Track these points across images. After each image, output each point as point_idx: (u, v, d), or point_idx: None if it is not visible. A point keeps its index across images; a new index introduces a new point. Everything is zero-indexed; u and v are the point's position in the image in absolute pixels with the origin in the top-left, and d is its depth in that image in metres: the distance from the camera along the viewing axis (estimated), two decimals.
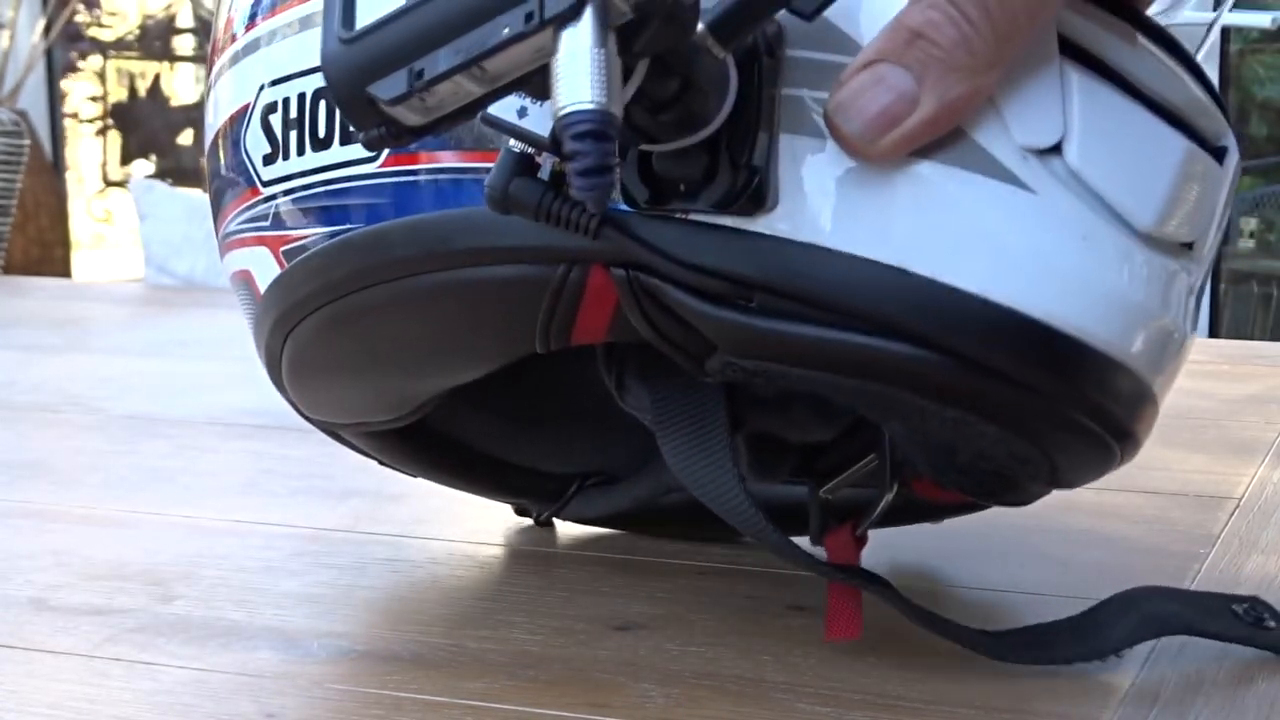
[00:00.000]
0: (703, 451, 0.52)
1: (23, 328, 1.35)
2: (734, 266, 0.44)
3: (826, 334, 0.44)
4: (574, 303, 0.47)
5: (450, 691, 0.50)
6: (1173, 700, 0.49)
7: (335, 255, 0.51)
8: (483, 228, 0.47)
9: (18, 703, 0.50)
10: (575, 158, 0.37)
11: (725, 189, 0.44)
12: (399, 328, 0.52)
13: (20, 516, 0.72)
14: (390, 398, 0.57)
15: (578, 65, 0.38)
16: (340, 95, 0.42)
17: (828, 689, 0.50)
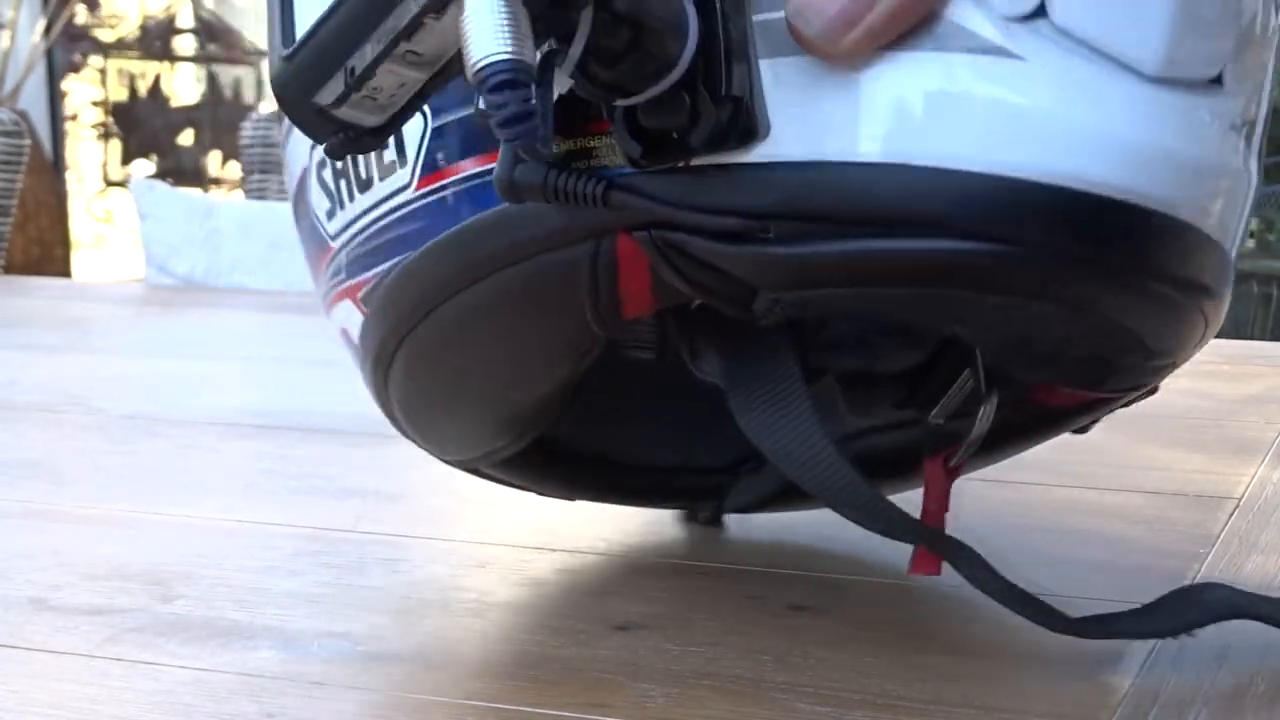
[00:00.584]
0: (778, 407, 0.51)
1: (23, 328, 1.35)
2: (740, 202, 0.44)
3: (847, 246, 0.44)
4: (611, 275, 0.47)
5: (450, 691, 0.50)
6: (1173, 700, 0.49)
7: (396, 289, 0.52)
8: (511, 223, 0.48)
9: (18, 703, 0.50)
10: (494, 110, 0.38)
11: (711, 127, 0.43)
12: (472, 345, 0.52)
13: (20, 516, 0.72)
14: (498, 418, 0.57)
15: (483, 20, 0.38)
16: (290, 111, 0.43)
17: (828, 689, 0.50)
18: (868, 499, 0.50)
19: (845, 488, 0.50)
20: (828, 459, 0.49)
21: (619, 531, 0.68)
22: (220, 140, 4.71)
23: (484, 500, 0.74)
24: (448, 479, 0.79)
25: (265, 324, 1.36)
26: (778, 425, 0.51)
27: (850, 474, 0.49)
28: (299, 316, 1.38)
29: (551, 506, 0.72)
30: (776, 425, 0.51)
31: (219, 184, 4.71)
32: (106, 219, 4.81)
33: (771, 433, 0.51)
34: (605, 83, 0.43)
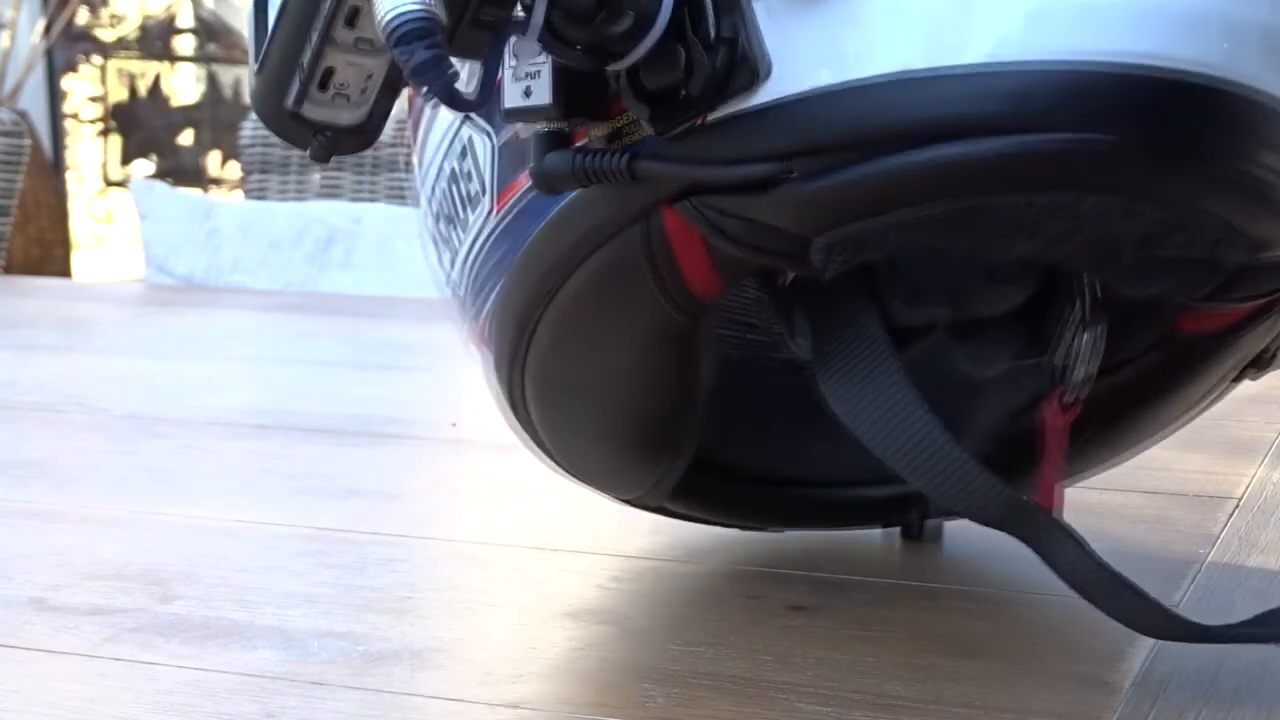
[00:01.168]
0: (860, 371, 0.49)
1: (23, 328, 1.35)
2: (757, 147, 0.43)
3: (872, 168, 0.42)
4: (667, 253, 0.47)
5: (450, 691, 0.50)
6: (1173, 700, 0.49)
7: (498, 320, 0.53)
8: (566, 223, 0.48)
9: (18, 703, 0.50)
10: (405, 62, 0.39)
11: (707, 75, 0.43)
12: (575, 358, 0.52)
13: (20, 516, 0.72)
14: (634, 435, 0.56)
15: None
16: (266, 121, 0.44)
17: (828, 689, 0.50)
18: (973, 477, 0.48)
19: (947, 463, 0.48)
20: (926, 429, 0.48)
21: (619, 531, 0.68)
22: (220, 140, 4.71)
23: (484, 500, 0.74)
24: (448, 479, 0.79)
25: (265, 324, 1.36)
26: (869, 397, 0.49)
27: (949, 447, 0.47)
28: (299, 316, 1.38)
29: (551, 506, 0.72)
30: (856, 390, 0.49)
31: (219, 184, 4.70)
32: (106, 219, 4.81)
33: (850, 398, 0.49)
34: (587, 45, 0.43)
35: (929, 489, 0.49)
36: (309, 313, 1.41)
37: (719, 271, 0.48)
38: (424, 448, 0.85)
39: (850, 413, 0.49)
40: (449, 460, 0.83)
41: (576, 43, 0.43)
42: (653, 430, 0.56)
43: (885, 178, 0.42)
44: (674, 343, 0.51)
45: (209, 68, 4.84)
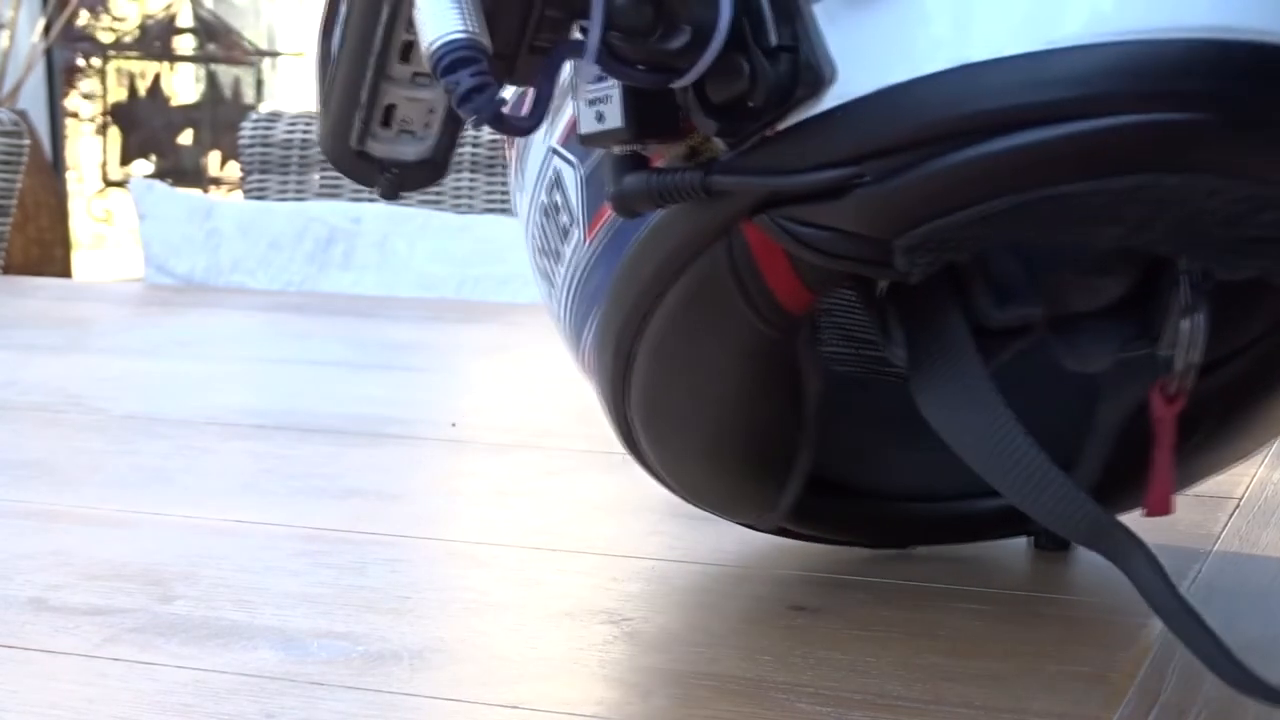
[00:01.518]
0: (956, 385, 0.48)
1: (23, 328, 1.35)
2: (827, 153, 0.43)
3: (947, 162, 0.41)
4: (751, 268, 0.47)
5: (450, 691, 0.50)
6: (1173, 700, 0.49)
7: (597, 348, 0.53)
8: (652, 246, 0.48)
9: (18, 703, 0.50)
10: (452, 90, 0.39)
11: (771, 85, 0.42)
12: (676, 381, 0.52)
13: (20, 516, 0.72)
14: (742, 455, 0.55)
15: (429, 7, 0.40)
16: (335, 162, 0.45)
17: (828, 689, 0.50)
18: (1041, 475, 0.46)
19: (1017, 462, 0.47)
20: (1012, 439, 0.47)
21: (619, 531, 0.68)
22: (220, 140, 4.71)
23: (484, 500, 0.74)
24: (448, 479, 0.79)
25: (265, 324, 1.36)
26: (946, 398, 0.48)
27: (1038, 459, 0.46)
28: (299, 316, 1.38)
29: (551, 506, 0.72)
30: (945, 398, 0.49)
31: (219, 184, 4.70)
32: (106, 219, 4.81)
33: (939, 406, 0.49)
34: (648, 64, 0.42)
35: (1018, 502, 0.48)
36: (309, 313, 1.41)
37: (806, 283, 0.47)
38: (424, 448, 0.85)
39: (940, 421, 0.49)
40: (449, 460, 0.83)
41: (636, 62, 0.42)
42: (761, 450, 0.55)
43: (957, 172, 0.41)
44: (771, 359, 0.51)
45: (209, 68, 4.84)
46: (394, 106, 0.45)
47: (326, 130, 0.45)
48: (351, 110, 0.44)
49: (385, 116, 0.45)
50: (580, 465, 0.80)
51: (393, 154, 0.44)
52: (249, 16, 5.19)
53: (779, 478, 0.56)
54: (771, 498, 0.57)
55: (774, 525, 0.60)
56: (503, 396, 1.01)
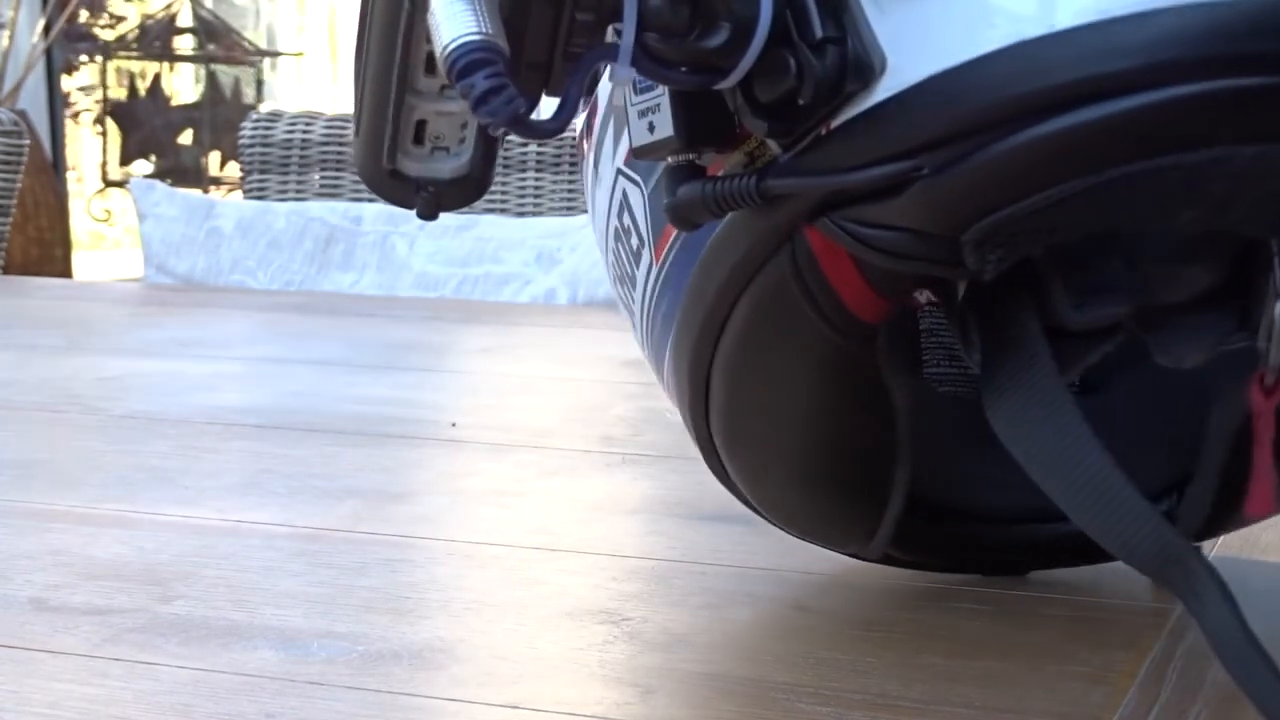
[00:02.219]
0: (1025, 394, 0.45)
1: (23, 328, 1.35)
2: (882, 147, 0.41)
3: (1006, 146, 0.39)
4: (816, 274, 0.45)
5: (450, 691, 0.50)
6: (1173, 700, 0.49)
7: (675, 369, 0.52)
8: (715, 259, 0.47)
9: (17, 703, 0.50)
10: (468, 94, 0.38)
11: (819, 79, 0.40)
12: (755, 403, 0.51)
13: (20, 516, 0.72)
14: (831, 475, 0.53)
15: (442, 12, 0.39)
16: (370, 184, 0.44)
17: (828, 689, 0.50)
18: (1116, 494, 0.43)
19: (1087, 477, 0.43)
20: (1067, 439, 0.44)
21: (619, 531, 0.68)
22: (220, 140, 4.71)
23: (484, 500, 0.74)
24: (448, 479, 0.79)
25: (265, 324, 1.36)
26: (1014, 409, 0.45)
27: (1095, 457, 0.43)
28: (299, 316, 1.38)
29: (551, 506, 0.72)
30: (1013, 409, 0.45)
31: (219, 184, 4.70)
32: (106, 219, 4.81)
33: (1007, 418, 0.45)
34: (689, 64, 0.41)
35: (1082, 523, 0.45)
36: (309, 313, 1.41)
37: (875, 288, 0.45)
38: (424, 448, 0.85)
39: (1005, 431, 0.46)
40: (449, 460, 0.83)
41: (676, 63, 0.41)
42: (852, 472, 0.53)
43: (1018, 156, 0.39)
44: (850, 372, 0.49)
45: (209, 67, 4.84)
46: (424, 122, 0.44)
47: (359, 152, 0.44)
48: (381, 129, 0.43)
49: (416, 133, 0.44)
50: (580, 465, 0.80)
51: (427, 172, 0.43)
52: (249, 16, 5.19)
53: (875, 501, 0.53)
54: (870, 524, 0.54)
55: (879, 554, 0.56)
56: (503, 396, 1.01)
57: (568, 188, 1.95)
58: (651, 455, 0.81)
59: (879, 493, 0.53)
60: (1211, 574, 0.42)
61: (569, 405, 0.94)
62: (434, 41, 0.39)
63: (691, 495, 0.73)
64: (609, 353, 1.16)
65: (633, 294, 0.53)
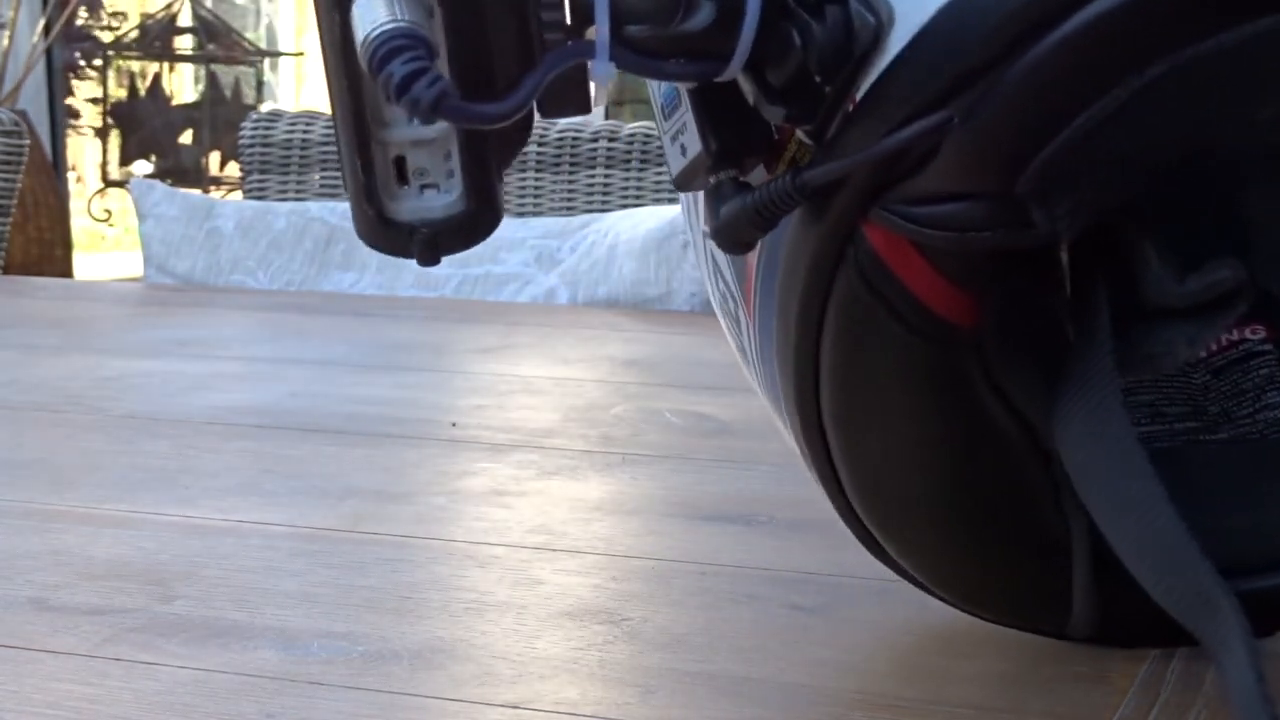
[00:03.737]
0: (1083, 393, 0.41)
1: (23, 328, 1.35)
2: (910, 105, 0.37)
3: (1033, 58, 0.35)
4: (884, 273, 0.40)
5: (451, 691, 0.50)
6: (1173, 700, 0.49)
7: (792, 431, 0.47)
8: (786, 285, 0.43)
9: (18, 702, 0.50)
10: (387, 86, 0.35)
11: (825, 45, 0.37)
12: (874, 446, 0.45)
13: (20, 516, 0.72)
14: (993, 530, 0.46)
15: (357, 12, 0.36)
16: (366, 239, 0.40)
17: (828, 689, 0.50)
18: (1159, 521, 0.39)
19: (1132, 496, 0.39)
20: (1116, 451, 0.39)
21: (619, 532, 0.68)
22: (220, 140, 4.71)
23: (484, 500, 0.74)
24: (448, 479, 0.79)
25: (265, 324, 1.36)
26: (1071, 416, 0.41)
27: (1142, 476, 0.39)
28: (299, 316, 1.38)
29: (551, 506, 0.72)
30: (1070, 416, 0.41)
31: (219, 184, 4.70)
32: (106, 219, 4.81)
33: (1065, 428, 0.41)
34: (681, 53, 0.38)
35: (1121, 550, 0.41)
36: (309, 313, 1.41)
37: (954, 280, 0.40)
38: (424, 448, 0.85)
39: (1061, 443, 0.42)
40: (449, 460, 0.83)
41: (665, 53, 0.38)
42: (1010, 519, 0.46)
43: (1043, 71, 0.35)
44: (959, 386, 0.43)
45: (209, 67, 4.84)
46: (403, 158, 0.40)
47: (351, 207, 0.40)
48: (360, 174, 0.39)
49: (398, 171, 0.40)
50: (580, 465, 0.80)
51: (419, 213, 0.40)
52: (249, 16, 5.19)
53: (1050, 560, 0.46)
54: (1053, 588, 0.47)
55: (1088, 630, 0.48)
56: (503, 396, 1.01)
57: (567, 188, 1.96)
58: (651, 455, 0.81)
59: (1052, 548, 0.46)
60: (1242, 629, 0.38)
61: (569, 405, 0.94)
62: (359, 50, 0.36)
63: (691, 495, 0.73)
64: (609, 353, 1.16)
65: (747, 366, 0.49)
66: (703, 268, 0.50)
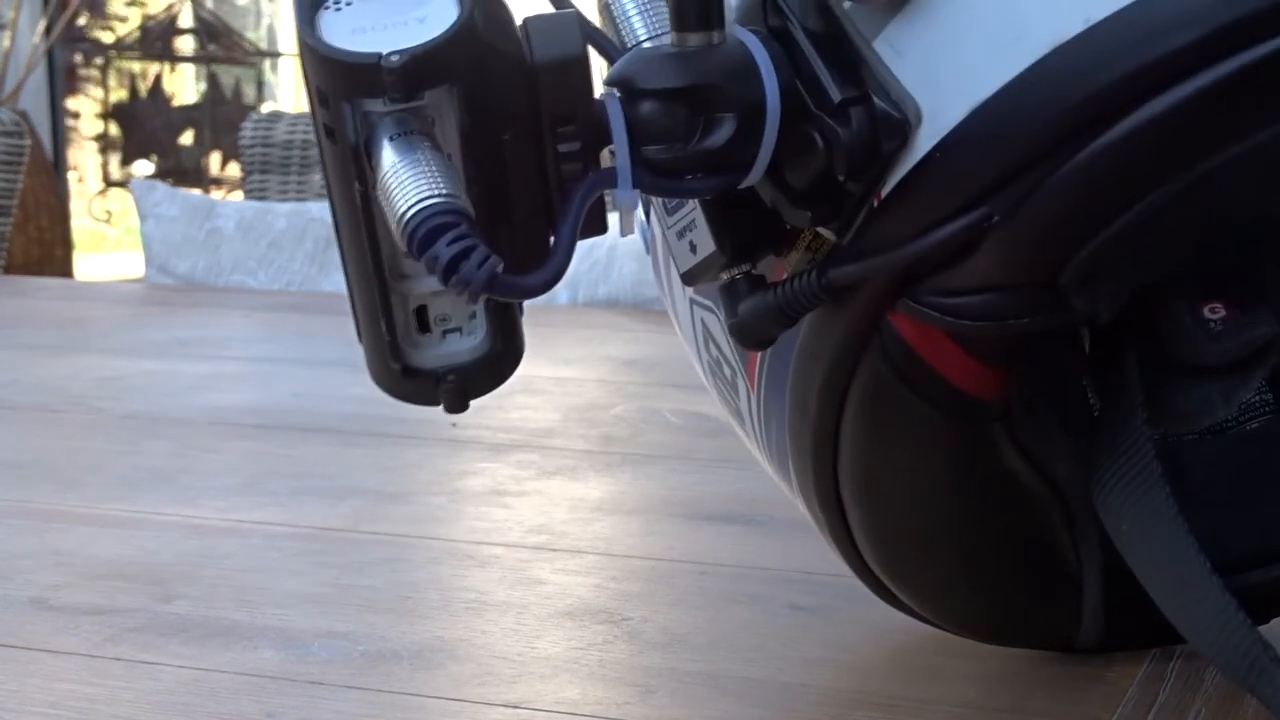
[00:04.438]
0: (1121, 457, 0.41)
1: (23, 328, 1.35)
2: (946, 204, 0.36)
3: (1079, 164, 0.34)
4: (917, 363, 0.40)
5: (450, 691, 0.50)
6: (1172, 700, 0.49)
7: (808, 504, 0.46)
8: (804, 373, 0.42)
9: (18, 702, 0.50)
10: (433, 266, 0.33)
11: (850, 147, 0.36)
12: (902, 520, 0.45)
13: (20, 516, 0.72)
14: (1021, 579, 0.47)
15: (391, 181, 0.34)
16: (388, 390, 0.39)
17: (828, 689, 0.50)
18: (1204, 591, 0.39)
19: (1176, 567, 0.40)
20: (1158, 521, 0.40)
21: (619, 531, 0.68)
22: (220, 140, 4.71)
23: (484, 500, 0.74)
24: (448, 479, 0.79)
25: (265, 324, 1.36)
26: (1110, 476, 0.41)
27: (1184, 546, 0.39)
28: (299, 316, 1.38)
29: (551, 506, 0.72)
30: (1109, 477, 0.41)
31: (219, 184, 4.70)
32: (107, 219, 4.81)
33: (1103, 488, 0.42)
34: (701, 169, 0.37)
35: (1172, 615, 0.42)
36: (309, 313, 1.41)
37: (986, 361, 0.40)
38: (424, 448, 0.85)
39: (1100, 505, 0.43)
40: (449, 460, 0.83)
41: (686, 172, 0.37)
42: (1032, 559, 0.46)
43: (1089, 175, 0.34)
44: (990, 456, 0.43)
45: (209, 68, 4.84)
46: (424, 307, 0.38)
47: (366, 357, 0.39)
48: (379, 328, 0.38)
49: (419, 320, 0.39)
50: (580, 465, 0.80)
51: (444, 360, 0.38)
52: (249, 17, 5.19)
53: (1070, 587, 0.47)
54: (1071, 612, 0.48)
55: (1095, 641, 0.49)
56: (503, 396, 1.01)
57: None
58: (651, 455, 0.81)
59: (1071, 575, 0.47)
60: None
61: (569, 405, 0.94)
62: (389, 219, 0.34)
63: (691, 495, 0.73)
64: (609, 353, 1.16)
65: (743, 429, 0.48)
66: (685, 331, 0.49)
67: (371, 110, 0.35)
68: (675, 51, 0.36)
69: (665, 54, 0.37)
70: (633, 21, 0.40)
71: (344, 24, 0.35)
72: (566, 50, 0.36)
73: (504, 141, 0.36)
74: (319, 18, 0.35)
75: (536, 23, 0.36)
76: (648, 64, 0.37)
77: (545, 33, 0.36)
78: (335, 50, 0.34)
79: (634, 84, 0.36)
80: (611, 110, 0.36)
